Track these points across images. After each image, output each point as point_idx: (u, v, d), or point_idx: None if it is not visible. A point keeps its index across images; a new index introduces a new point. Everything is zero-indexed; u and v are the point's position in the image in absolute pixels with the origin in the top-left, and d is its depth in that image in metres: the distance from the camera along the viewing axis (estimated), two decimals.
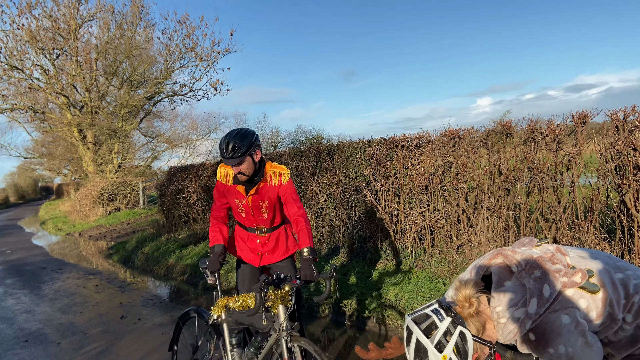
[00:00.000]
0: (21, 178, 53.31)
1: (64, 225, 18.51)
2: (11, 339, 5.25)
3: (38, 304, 6.77)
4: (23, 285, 8.22)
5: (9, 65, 19.53)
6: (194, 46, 21.74)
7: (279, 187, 3.08)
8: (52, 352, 4.76)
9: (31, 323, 5.84)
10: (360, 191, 6.54)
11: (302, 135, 40.71)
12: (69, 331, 5.39)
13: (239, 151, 2.86)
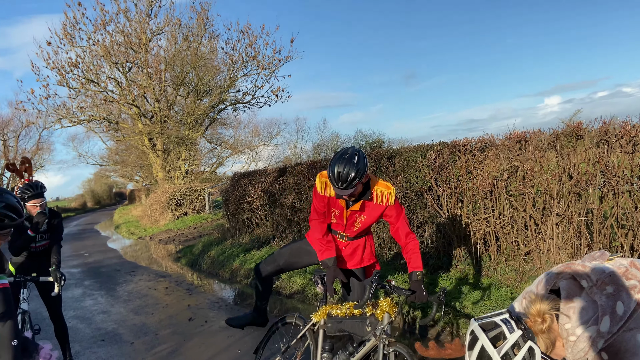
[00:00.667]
0: (97, 184, 56.90)
1: (136, 230, 19.56)
2: (89, 338, 5.61)
3: (113, 305, 7.20)
4: (100, 286, 8.77)
5: (86, 79, 20.95)
6: (255, 55, 22.34)
7: (385, 208, 3.03)
8: (126, 351, 5.03)
9: (107, 323, 6.21)
10: (421, 196, 6.44)
11: (362, 139, 40.61)
12: (141, 332, 5.69)
13: (351, 184, 2.78)
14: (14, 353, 1.85)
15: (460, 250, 5.85)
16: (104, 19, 20.71)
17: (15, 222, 1.85)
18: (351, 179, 2.75)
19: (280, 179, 9.63)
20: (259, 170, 11.34)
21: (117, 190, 62.56)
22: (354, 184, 2.78)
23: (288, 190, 9.02)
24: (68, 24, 20.35)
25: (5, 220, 1.80)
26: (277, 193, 9.39)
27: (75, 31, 20.49)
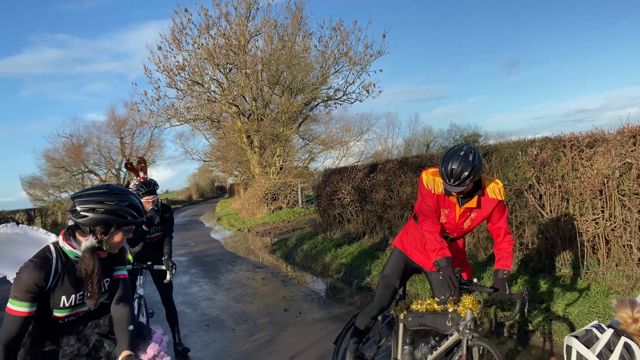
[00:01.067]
0: (201, 179, 60.83)
1: (235, 222, 20.68)
2: (196, 322, 6.08)
3: (216, 293, 7.72)
4: (204, 274, 9.43)
5: (192, 81, 22.45)
6: (347, 51, 22.50)
7: (498, 203, 2.96)
8: (228, 337, 5.40)
9: (211, 309, 6.69)
10: (521, 195, 6.14)
11: (457, 133, 39.29)
12: (241, 319, 6.06)
13: (465, 181, 2.73)
14: (130, 336, 2.08)
15: (564, 254, 5.51)
16: (208, 23, 22.06)
17: (137, 221, 2.07)
18: (465, 177, 2.71)
19: (370, 176, 9.66)
20: (349, 166, 11.46)
21: (218, 184, 66.41)
22: (467, 182, 2.74)
23: (378, 187, 9.03)
24: (176, 29, 21.96)
25: (128, 217, 2.02)
26: (367, 190, 9.44)
27: (182, 36, 22.05)
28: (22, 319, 1.90)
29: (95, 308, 2.15)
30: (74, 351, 2.06)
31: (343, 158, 38.50)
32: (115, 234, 2.03)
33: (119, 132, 42.76)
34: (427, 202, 3.02)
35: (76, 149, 40.63)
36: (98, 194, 1.99)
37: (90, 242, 1.98)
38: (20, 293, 1.90)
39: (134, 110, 24.11)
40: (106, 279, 2.16)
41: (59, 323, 2.07)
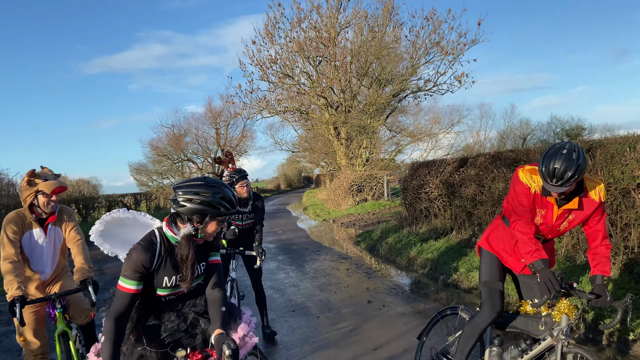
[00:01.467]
0: (289, 169, 62.53)
1: (321, 212, 21.07)
2: (283, 307, 6.34)
3: (302, 280, 7.96)
4: (291, 262, 9.76)
5: (283, 74, 23.10)
6: (439, 40, 21.88)
7: (598, 205, 2.81)
8: (313, 323, 5.57)
9: (297, 296, 6.92)
10: (627, 195, 5.66)
11: (557, 126, 36.71)
12: (325, 307, 6.22)
13: (568, 182, 2.59)
14: (222, 317, 2.25)
15: None
16: (299, 17, 22.54)
17: (230, 212, 2.22)
18: (569, 177, 2.56)
19: (460, 170, 9.38)
20: (438, 159, 11.20)
21: (305, 175, 67.86)
22: (570, 183, 2.59)
23: (468, 181, 8.75)
24: (269, 23, 22.70)
25: (221, 209, 2.17)
26: (456, 184, 9.18)
27: (275, 30, 22.75)
28: (130, 295, 2.14)
29: (192, 289, 2.35)
30: (174, 327, 2.28)
31: (432, 151, 37.59)
32: (209, 223, 2.19)
33: (215, 123, 45.12)
34: (522, 202, 2.88)
35: (177, 138, 43.55)
36: (195, 185, 2.16)
37: (188, 230, 2.17)
38: (129, 272, 2.13)
39: (229, 102, 25.33)
40: (202, 263, 2.34)
41: (161, 301, 2.30)
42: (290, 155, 49.92)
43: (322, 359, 4.45)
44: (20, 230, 3.44)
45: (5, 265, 3.26)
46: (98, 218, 2.65)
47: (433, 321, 3.57)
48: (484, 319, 3.00)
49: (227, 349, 1.98)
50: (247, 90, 23.60)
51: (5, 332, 6.19)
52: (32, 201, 3.45)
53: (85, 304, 3.72)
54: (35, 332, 3.50)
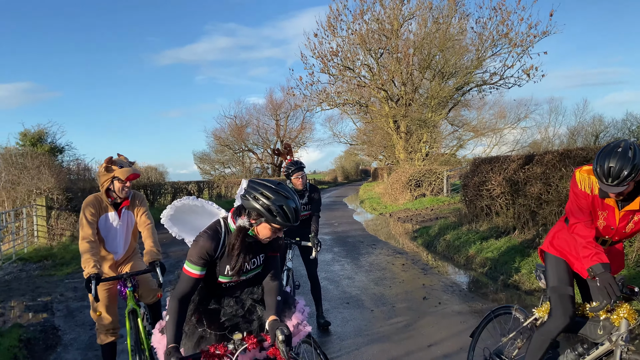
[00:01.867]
0: (347, 161, 62.58)
1: (377, 206, 20.97)
2: (337, 299, 6.41)
3: (357, 273, 8.00)
4: (346, 254, 9.81)
5: (343, 66, 23.09)
6: (507, 32, 21.05)
7: None
8: (367, 317, 5.60)
9: (351, 288, 6.97)
10: None
11: (633, 123, 34.32)
12: (380, 301, 6.22)
13: (624, 181, 2.48)
14: (277, 305, 2.33)
15: None
16: (362, 9, 22.39)
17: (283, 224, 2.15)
18: (624, 176, 2.45)
19: (525, 167, 9.02)
20: (501, 156, 10.82)
21: (362, 168, 67.69)
22: (626, 182, 2.48)
23: (534, 180, 8.40)
24: (332, 16, 22.71)
25: (276, 217, 2.14)
26: (520, 182, 8.84)
27: (337, 22, 22.73)
28: (194, 279, 2.25)
29: (251, 278, 2.45)
30: (233, 312, 2.39)
31: (495, 146, 36.36)
32: (262, 224, 2.20)
33: (275, 114, 45.92)
34: (581, 204, 2.78)
35: (239, 129, 44.74)
36: (265, 186, 2.18)
37: (243, 222, 2.24)
38: (194, 258, 2.24)
39: (289, 94, 25.66)
40: (261, 255, 2.43)
41: (222, 287, 2.41)
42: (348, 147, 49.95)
43: (376, 352, 4.48)
44: (97, 212, 3.71)
45: (83, 245, 3.52)
46: (165, 203, 2.82)
47: (486, 320, 3.52)
48: (557, 326, 2.86)
49: (281, 335, 2.05)
50: (307, 83, 23.81)
51: (79, 307, 6.68)
52: (109, 186, 3.70)
53: (153, 284, 3.95)
54: (107, 308, 3.76)
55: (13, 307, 6.84)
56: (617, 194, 2.59)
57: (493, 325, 3.52)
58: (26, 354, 4.86)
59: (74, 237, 12.31)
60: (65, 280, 8.55)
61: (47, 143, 18.35)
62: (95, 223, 3.67)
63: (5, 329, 5.48)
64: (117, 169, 3.68)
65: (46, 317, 6.24)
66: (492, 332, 3.50)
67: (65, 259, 10.40)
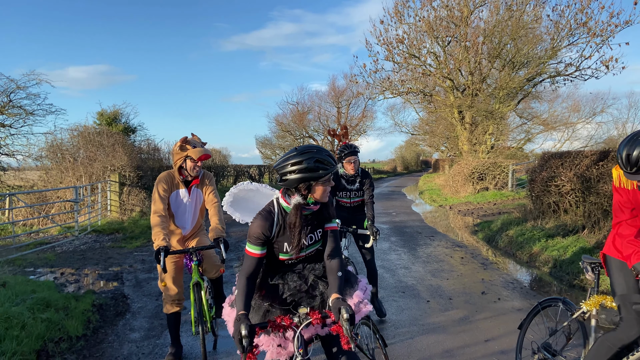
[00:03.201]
0: (407, 151, 61.67)
1: (437, 197, 20.55)
2: (392, 287, 6.39)
3: (414, 263, 7.92)
4: (403, 244, 9.73)
5: (409, 54, 22.66)
6: (587, 21, 19.80)
7: None
8: (422, 307, 5.54)
9: (407, 278, 6.92)
10: None
11: None
12: (436, 293, 6.13)
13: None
14: (339, 282, 2.37)
15: None
16: None
17: (328, 171, 2.29)
18: None
19: (599, 164, 8.51)
20: (573, 151, 10.26)
21: (423, 159, 66.45)
22: None
23: (608, 177, 7.92)
24: (399, 2, 22.30)
25: (319, 171, 2.26)
26: (593, 179, 8.36)
27: (405, 9, 22.31)
28: (256, 258, 2.35)
29: (312, 254, 2.50)
30: (296, 287, 2.46)
31: (567, 141, 34.52)
32: (316, 187, 2.30)
33: (337, 102, 45.89)
34: (620, 201, 2.69)
35: (300, 115, 45.17)
36: (290, 158, 2.27)
37: (297, 200, 2.32)
38: (252, 239, 2.35)
39: (352, 81, 25.56)
40: (318, 230, 2.48)
41: (285, 263, 2.48)
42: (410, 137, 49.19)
43: (430, 343, 4.44)
44: (169, 189, 3.90)
45: (154, 218, 3.72)
46: (227, 185, 2.95)
47: (534, 312, 3.46)
48: (629, 336, 2.70)
49: (346, 313, 2.08)
50: (371, 70, 23.58)
51: (146, 279, 7.08)
52: (181, 164, 3.88)
53: (216, 259, 4.11)
54: (174, 280, 3.97)
55: (87, 275, 7.37)
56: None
57: (542, 319, 3.45)
58: (98, 318, 5.23)
59: (143, 213, 13.03)
60: (135, 253, 9.08)
61: (121, 123, 19.40)
62: (166, 198, 3.86)
63: (80, 294, 5.92)
64: (191, 148, 3.85)
65: (116, 286, 6.67)
66: (540, 325, 3.42)
67: (134, 233, 11.03)
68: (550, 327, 3.36)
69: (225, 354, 4.26)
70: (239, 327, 2.05)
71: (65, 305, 5.19)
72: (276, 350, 2.27)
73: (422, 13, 22.04)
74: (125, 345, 4.54)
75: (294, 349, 2.23)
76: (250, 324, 2.07)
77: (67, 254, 9.00)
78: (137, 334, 4.83)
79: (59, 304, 5.15)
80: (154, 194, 3.83)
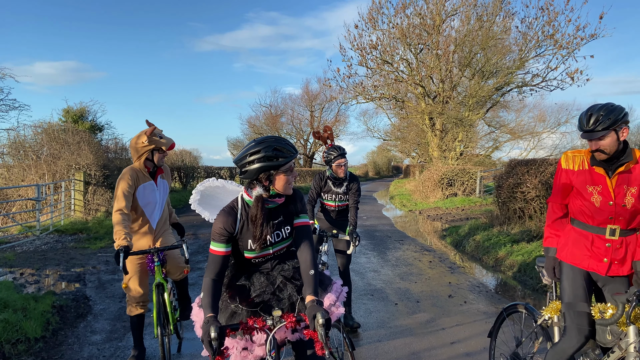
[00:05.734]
0: (379, 157, 62.19)
1: (407, 202, 20.77)
2: (362, 290, 6.39)
3: (383, 266, 7.96)
4: (373, 248, 9.77)
5: (382, 60, 22.88)
6: (553, 33, 20.43)
7: None
8: (390, 310, 5.57)
9: (376, 281, 6.94)
10: None
11: None
12: (404, 296, 6.17)
13: (602, 124, 2.55)
14: (314, 281, 2.27)
15: None
16: (405, 3, 22.10)
17: (288, 158, 2.22)
18: (601, 120, 2.56)
19: None
20: (539, 159, 10.54)
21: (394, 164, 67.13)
22: (602, 128, 2.55)
23: None
24: (374, 8, 22.51)
25: (278, 159, 2.20)
26: None
27: (379, 15, 22.53)
28: (220, 257, 2.28)
29: (282, 253, 2.44)
30: (263, 288, 2.39)
31: (532, 150, 35.45)
32: (276, 177, 2.24)
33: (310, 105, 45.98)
34: (559, 183, 2.90)
35: (273, 118, 45.04)
36: (248, 149, 2.23)
37: (258, 192, 2.26)
38: (215, 236, 2.29)
39: (326, 85, 25.60)
40: (286, 227, 2.41)
41: (251, 262, 2.42)
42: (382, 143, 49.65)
43: (398, 345, 4.45)
44: (135, 183, 3.79)
45: (116, 216, 3.60)
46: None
47: (500, 319, 3.46)
48: (571, 345, 2.69)
49: (322, 318, 2.02)
50: (344, 75, 23.72)
51: (110, 280, 6.89)
52: (148, 156, 3.78)
53: (180, 261, 4.02)
54: (138, 281, 3.85)
55: (48, 276, 7.11)
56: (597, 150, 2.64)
57: (512, 327, 3.47)
58: (58, 320, 5.05)
59: (108, 213, 12.69)
60: (99, 254, 8.83)
61: (88, 120, 18.90)
62: (131, 195, 3.74)
63: (40, 295, 5.71)
64: (158, 139, 3.77)
65: (78, 287, 6.47)
66: (509, 332, 3.44)
67: (99, 234, 10.74)
68: (517, 335, 3.36)
69: (189, 357, 4.17)
70: (208, 329, 1.98)
71: (24, 306, 4.99)
72: (241, 354, 2.20)
73: (395, 20, 22.33)
74: (85, 348, 4.39)
75: (265, 352, 2.16)
76: (220, 326, 2.00)
77: (27, 254, 8.69)
78: (99, 336, 4.69)
79: (18, 305, 4.95)
80: (117, 190, 3.71)
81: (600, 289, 2.83)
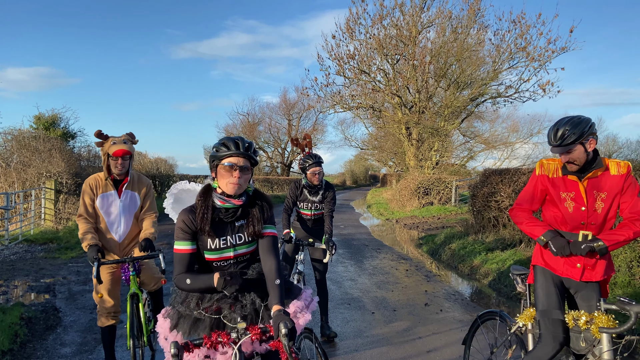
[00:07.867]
0: (356, 166, 62.49)
1: (384, 211, 20.89)
2: (339, 299, 6.38)
3: (360, 275, 7.96)
4: (350, 256, 9.78)
5: (359, 69, 23.08)
6: (526, 45, 20.97)
7: (626, 177, 2.72)
8: (367, 319, 5.56)
9: (353, 290, 6.94)
10: None
11: None
12: (381, 305, 6.18)
13: (569, 139, 2.63)
14: (279, 291, 2.22)
15: None
16: (382, 14, 22.40)
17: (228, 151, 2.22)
18: (567, 135, 2.63)
19: None
20: (512, 168, 10.74)
21: (372, 173, 67.54)
22: (569, 142, 2.62)
23: None
24: (351, 19, 22.73)
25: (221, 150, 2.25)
26: None
27: (356, 25, 22.77)
28: (186, 255, 2.28)
29: (247, 258, 2.40)
30: (223, 294, 2.33)
31: (506, 160, 36.14)
32: (220, 170, 2.27)
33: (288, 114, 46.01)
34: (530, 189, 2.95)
35: (251, 126, 44.88)
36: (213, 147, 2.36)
37: (207, 182, 2.36)
38: (178, 233, 2.30)
39: (304, 94, 25.73)
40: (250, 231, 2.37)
41: (213, 266, 2.37)
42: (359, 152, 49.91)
43: (374, 355, 4.44)
44: (94, 192, 3.69)
45: (78, 221, 3.64)
46: None
47: (474, 326, 3.46)
48: (546, 353, 2.73)
49: (284, 328, 1.96)
50: (322, 84, 23.83)
51: (80, 291, 6.71)
52: (108, 163, 3.69)
53: (156, 271, 3.94)
54: (110, 291, 3.75)
55: (16, 287, 6.89)
56: (568, 162, 2.72)
57: (486, 335, 3.48)
58: (27, 332, 4.89)
59: None
60: (69, 264, 8.60)
61: (59, 128, 18.48)
62: (92, 202, 3.67)
63: (8, 306, 5.52)
64: (109, 144, 3.65)
65: (48, 298, 6.28)
66: (484, 340, 3.46)
67: (70, 243, 10.47)
68: (491, 343, 3.37)
69: None
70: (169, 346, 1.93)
71: None
72: None
73: (372, 30, 22.59)
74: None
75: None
76: (180, 345, 1.94)
77: None
78: (68, 349, 4.55)
79: None
80: (81, 197, 3.69)
81: (573, 296, 2.87)
